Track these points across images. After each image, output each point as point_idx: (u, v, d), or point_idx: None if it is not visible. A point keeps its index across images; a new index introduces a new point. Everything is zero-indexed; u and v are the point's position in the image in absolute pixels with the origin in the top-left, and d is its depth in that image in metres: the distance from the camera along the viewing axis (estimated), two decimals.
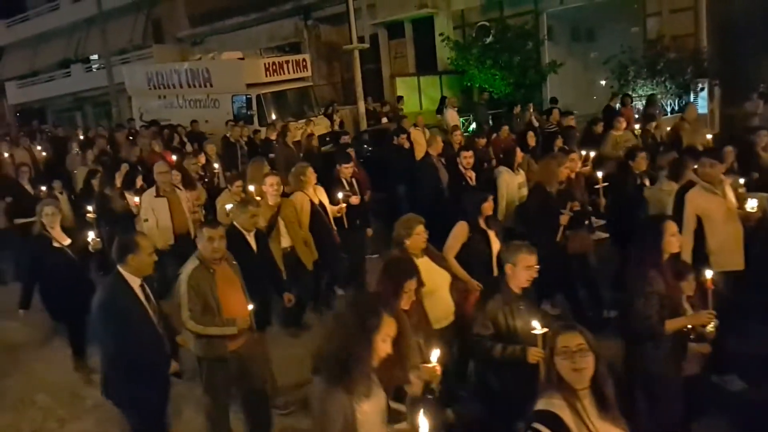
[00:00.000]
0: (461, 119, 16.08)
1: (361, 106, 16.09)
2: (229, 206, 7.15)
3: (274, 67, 16.51)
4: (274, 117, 15.64)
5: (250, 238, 5.71)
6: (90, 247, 6.25)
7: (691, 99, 14.59)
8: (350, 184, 7.58)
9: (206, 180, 9.61)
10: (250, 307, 4.68)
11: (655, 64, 15.37)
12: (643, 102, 14.97)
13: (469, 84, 18.64)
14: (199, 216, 8.09)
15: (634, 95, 15.48)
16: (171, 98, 18.18)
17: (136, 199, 8.09)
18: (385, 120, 16.13)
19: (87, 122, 31.70)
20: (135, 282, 4.19)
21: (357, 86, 16.17)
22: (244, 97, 16.29)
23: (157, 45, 28.93)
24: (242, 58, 17.14)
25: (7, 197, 9.56)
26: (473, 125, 16.30)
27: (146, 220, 7.48)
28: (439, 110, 15.92)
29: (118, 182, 8.66)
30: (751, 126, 9.97)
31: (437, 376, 3.20)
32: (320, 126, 15.26)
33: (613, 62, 15.76)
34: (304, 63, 17.51)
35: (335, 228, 7.24)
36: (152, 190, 7.63)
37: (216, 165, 10.78)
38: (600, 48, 18.95)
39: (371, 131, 14.95)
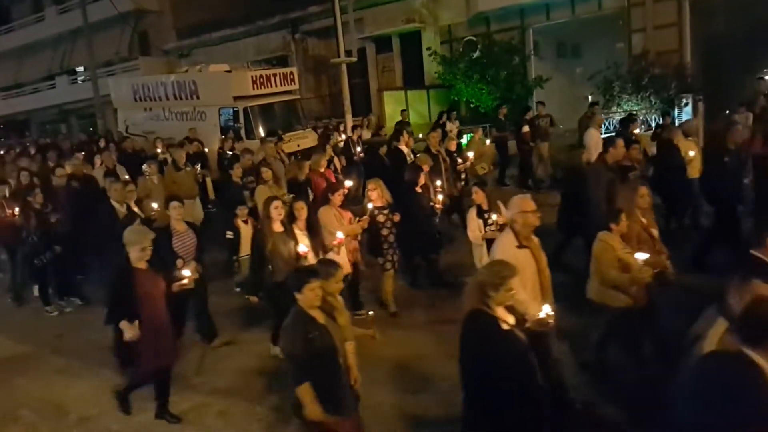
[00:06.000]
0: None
1: (349, 119, 16.13)
2: None
3: (261, 80, 16.46)
4: (261, 131, 15.58)
5: None
6: None
7: (676, 114, 14.75)
8: None
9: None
10: None
11: (640, 79, 15.53)
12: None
13: (456, 98, 18.76)
14: None
15: (619, 110, 15.66)
16: (157, 110, 18.05)
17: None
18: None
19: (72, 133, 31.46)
20: None
21: (345, 99, 16.24)
22: (231, 110, 16.21)
23: (144, 57, 28.88)
24: (229, 71, 17.06)
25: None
26: (465, 138, 16.31)
27: None
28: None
29: None
30: None
31: None
32: (308, 139, 15.26)
33: (599, 78, 15.90)
34: (292, 76, 17.48)
35: None
36: (512, 238, 4.72)
37: (438, 182, 8.83)
38: (585, 63, 19.21)
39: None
